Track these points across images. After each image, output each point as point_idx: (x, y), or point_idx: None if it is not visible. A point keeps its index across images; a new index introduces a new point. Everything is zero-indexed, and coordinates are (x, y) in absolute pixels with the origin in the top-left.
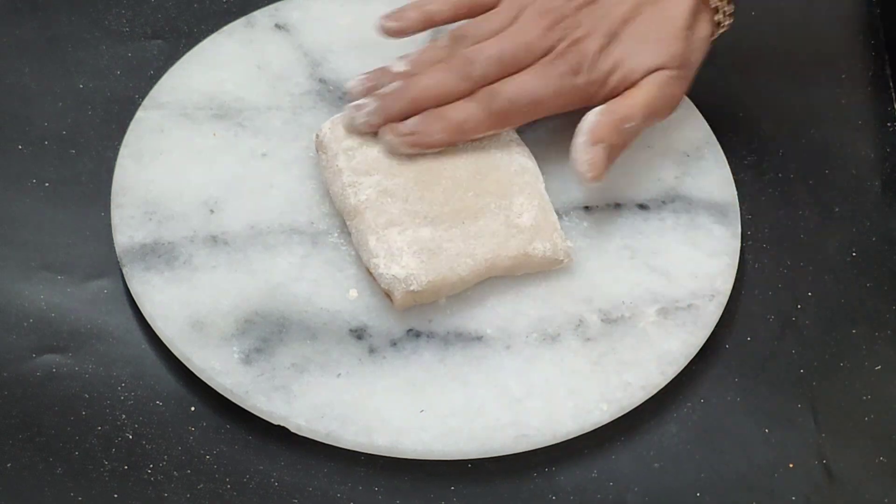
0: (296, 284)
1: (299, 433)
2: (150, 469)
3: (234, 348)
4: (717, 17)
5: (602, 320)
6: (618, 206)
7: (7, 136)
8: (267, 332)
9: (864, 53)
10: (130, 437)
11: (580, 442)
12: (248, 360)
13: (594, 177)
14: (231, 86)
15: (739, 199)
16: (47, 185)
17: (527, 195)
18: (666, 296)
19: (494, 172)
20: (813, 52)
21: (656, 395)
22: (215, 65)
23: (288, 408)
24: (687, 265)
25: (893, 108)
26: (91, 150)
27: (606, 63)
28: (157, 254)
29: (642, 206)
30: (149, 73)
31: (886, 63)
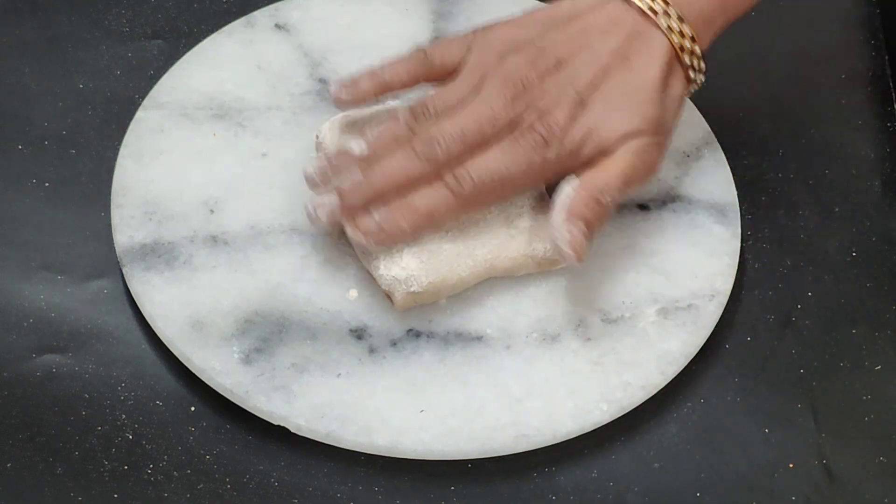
0: (296, 284)
1: (299, 433)
2: (150, 469)
3: (234, 348)
4: (690, 73)
5: (602, 320)
6: (618, 206)
7: (7, 136)
8: (267, 332)
9: (864, 53)
10: (130, 437)
11: (580, 442)
12: (248, 360)
13: (578, 259)
14: (231, 86)
15: (739, 199)
16: (47, 185)
17: (527, 195)
18: (666, 296)
19: None
20: (813, 52)
21: (656, 395)
22: (215, 65)
23: (288, 408)
24: (687, 265)
25: (893, 108)
26: (91, 150)
27: (578, 133)
28: (157, 254)
29: (642, 207)
30: (149, 73)
31: (886, 63)
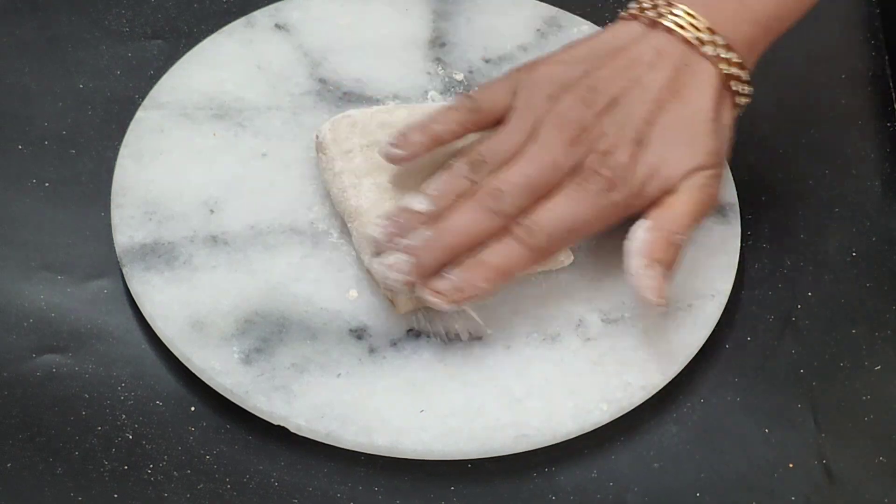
0: (296, 284)
1: (299, 433)
2: (150, 469)
3: (234, 348)
4: (737, 99)
5: (602, 320)
6: None
7: (7, 136)
8: (267, 332)
9: (864, 53)
10: (130, 437)
11: (580, 442)
12: (248, 360)
13: (661, 304)
14: (231, 86)
15: (739, 199)
16: (47, 185)
17: None
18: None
19: None
20: (813, 52)
21: (656, 395)
22: (215, 65)
23: (288, 408)
24: (687, 265)
25: (893, 108)
26: (91, 150)
27: (641, 172)
28: (157, 254)
29: None
30: (149, 73)
31: (886, 63)
